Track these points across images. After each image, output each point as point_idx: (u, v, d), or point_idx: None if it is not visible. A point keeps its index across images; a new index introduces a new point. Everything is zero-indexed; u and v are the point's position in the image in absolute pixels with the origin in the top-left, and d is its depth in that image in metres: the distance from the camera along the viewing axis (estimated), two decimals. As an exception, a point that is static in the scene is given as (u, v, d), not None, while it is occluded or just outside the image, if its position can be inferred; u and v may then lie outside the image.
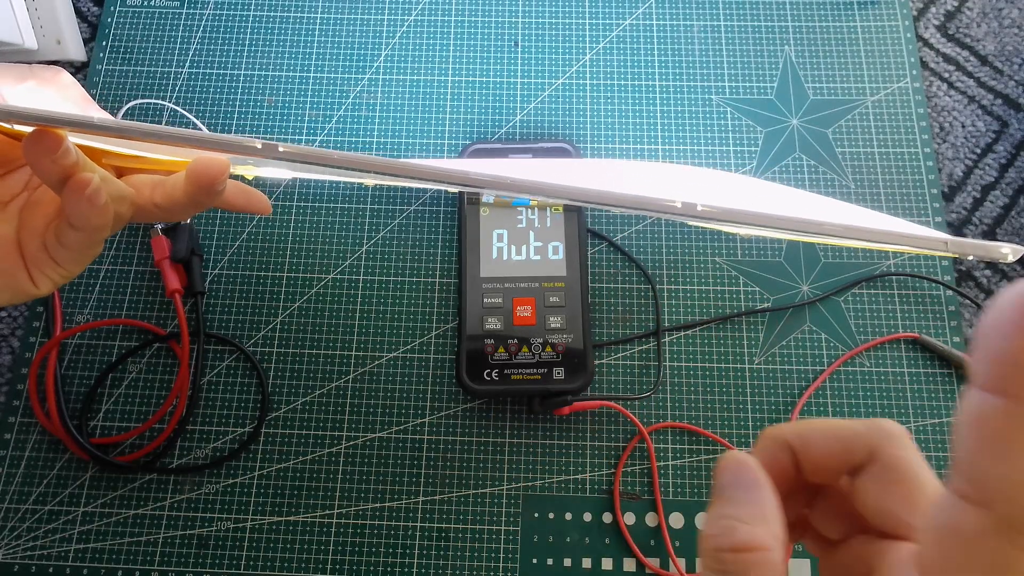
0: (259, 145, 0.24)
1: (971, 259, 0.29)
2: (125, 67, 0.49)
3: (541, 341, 0.40)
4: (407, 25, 0.50)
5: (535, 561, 0.39)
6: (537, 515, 0.40)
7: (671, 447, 0.41)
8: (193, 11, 0.50)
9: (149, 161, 0.30)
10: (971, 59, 0.49)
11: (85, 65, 0.49)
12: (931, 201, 0.45)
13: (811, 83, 0.48)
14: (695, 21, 0.50)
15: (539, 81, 0.48)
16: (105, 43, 0.49)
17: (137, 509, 0.40)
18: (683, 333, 0.43)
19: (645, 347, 0.43)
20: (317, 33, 0.50)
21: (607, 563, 0.39)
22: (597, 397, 0.41)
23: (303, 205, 0.46)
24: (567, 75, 0.48)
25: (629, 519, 0.40)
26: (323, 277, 0.44)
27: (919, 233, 0.28)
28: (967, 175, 0.47)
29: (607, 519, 0.40)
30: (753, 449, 0.20)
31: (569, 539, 0.40)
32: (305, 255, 0.45)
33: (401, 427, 0.42)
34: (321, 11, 0.50)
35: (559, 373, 0.40)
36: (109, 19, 0.50)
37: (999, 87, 0.48)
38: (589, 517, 0.40)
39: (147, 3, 0.50)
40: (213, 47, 0.49)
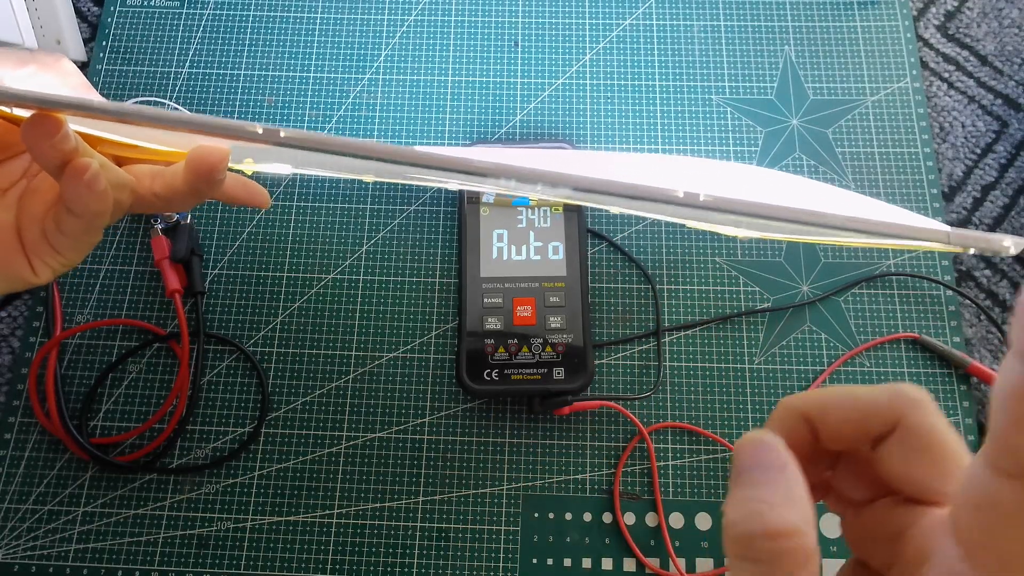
0: (260, 130, 0.24)
1: (971, 252, 0.29)
2: (125, 67, 0.49)
3: (541, 341, 0.40)
4: (407, 25, 0.50)
5: (535, 561, 0.39)
6: (537, 515, 0.40)
7: (671, 447, 0.41)
8: (193, 11, 0.50)
9: (149, 151, 0.30)
10: (971, 59, 0.49)
11: (85, 65, 0.49)
12: (931, 201, 0.45)
13: (811, 83, 0.48)
14: (695, 21, 0.50)
15: (539, 81, 0.48)
16: (105, 43, 0.49)
17: (137, 509, 0.40)
18: (683, 333, 0.43)
19: (645, 347, 0.43)
20: (317, 33, 0.50)
21: (607, 563, 0.39)
22: (597, 397, 0.41)
23: (303, 205, 0.46)
24: (567, 75, 0.48)
25: (629, 519, 0.40)
26: (323, 277, 0.44)
27: (921, 224, 0.28)
28: (967, 175, 0.47)
29: (607, 519, 0.40)
30: (769, 421, 0.19)
31: (569, 539, 0.40)
32: (305, 255, 0.45)
33: (401, 427, 0.42)
34: (321, 11, 0.50)
35: (559, 373, 0.40)
36: (109, 19, 0.50)
37: (999, 87, 0.48)
38: (589, 517, 0.40)
39: (147, 3, 0.50)
40: (213, 47, 0.49)
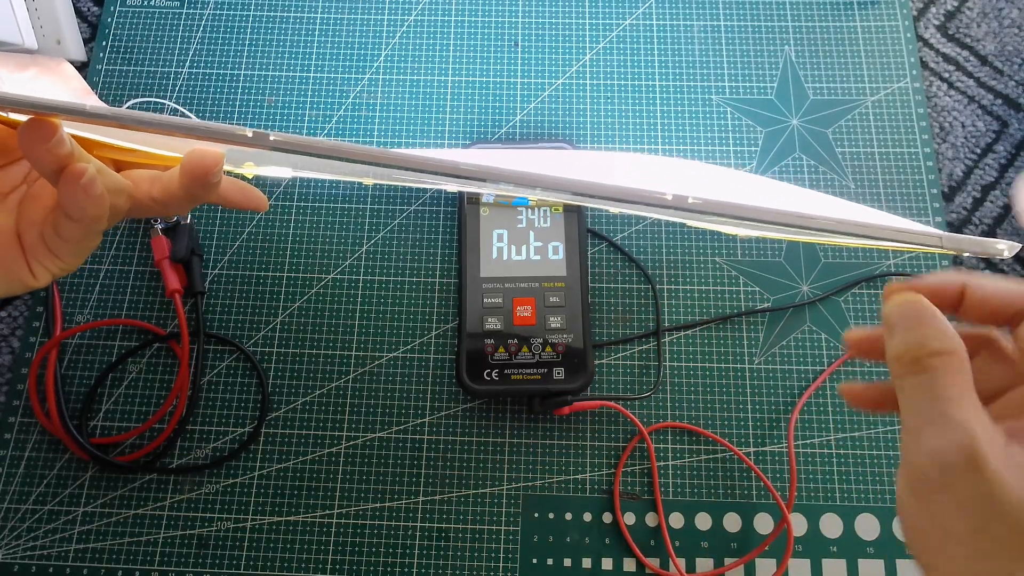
0: (249, 134, 0.24)
1: (967, 256, 0.29)
2: (125, 67, 0.49)
3: (541, 341, 0.40)
4: (407, 25, 0.50)
5: (535, 561, 0.39)
6: (537, 515, 0.40)
7: (671, 447, 0.41)
8: (193, 11, 0.50)
9: (146, 155, 0.30)
10: (971, 59, 0.49)
11: (85, 65, 0.49)
12: (931, 201, 0.45)
13: (811, 83, 0.48)
14: (695, 21, 0.50)
15: (539, 81, 0.48)
16: (105, 43, 0.49)
17: (137, 509, 0.40)
18: (683, 333, 0.43)
19: (645, 347, 0.43)
20: (317, 33, 0.50)
21: (607, 563, 0.39)
22: (597, 397, 0.41)
23: (303, 205, 0.46)
24: (567, 75, 0.48)
25: (629, 519, 0.40)
26: (323, 277, 0.44)
27: (913, 228, 0.28)
28: (967, 175, 0.47)
29: (607, 519, 0.40)
30: (913, 283, 0.22)
31: (569, 539, 0.40)
32: (305, 255, 0.45)
33: (401, 427, 0.42)
34: (321, 11, 0.50)
35: (559, 373, 0.40)
36: (109, 19, 0.50)
37: (999, 87, 0.48)
38: (589, 517, 0.40)
39: (147, 3, 0.50)
40: (213, 47, 0.49)
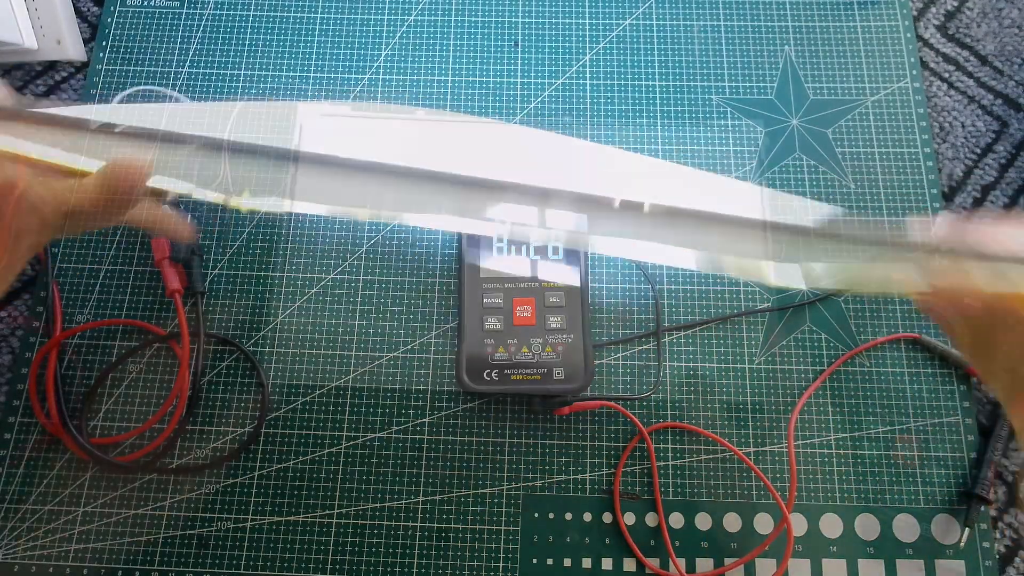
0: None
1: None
2: (125, 67, 0.49)
3: (541, 341, 0.40)
4: (407, 25, 0.50)
5: (535, 561, 0.39)
6: (537, 515, 0.40)
7: (671, 447, 0.41)
8: (193, 11, 0.50)
9: (70, 168, 0.29)
10: (971, 59, 0.49)
11: (85, 65, 0.49)
12: (931, 201, 0.45)
13: (811, 83, 0.48)
14: (695, 21, 0.50)
15: (539, 81, 0.48)
16: (105, 43, 0.49)
17: (137, 509, 0.40)
18: (683, 333, 0.43)
19: (645, 347, 0.43)
20: (317, 33, 0.50)
21: (607, 563, 0.39)
22: (597, 397, 0.41)
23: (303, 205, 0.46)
24: (567, 75, 0.48)
25: (629, 519, 0.40)
26: (323, 277, 0.44)
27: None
28: (967, 175, 0.47)
29: (607, 519, 0.40)
30: None
31: (569, 539, 0.40)
32: (305, 255, 0.45)
33: (401, 427, 0.42)
34: (321, 11, 0.50)
35: (559, 373, 0.40)
36: (109, 19, 0.50)
37: (999, 87, 0.48)
38: (589, 517, 0.40)
39: (147, 3, 0.50)
40: (213, 47, 0.49)
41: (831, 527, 0.40)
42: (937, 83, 0.48)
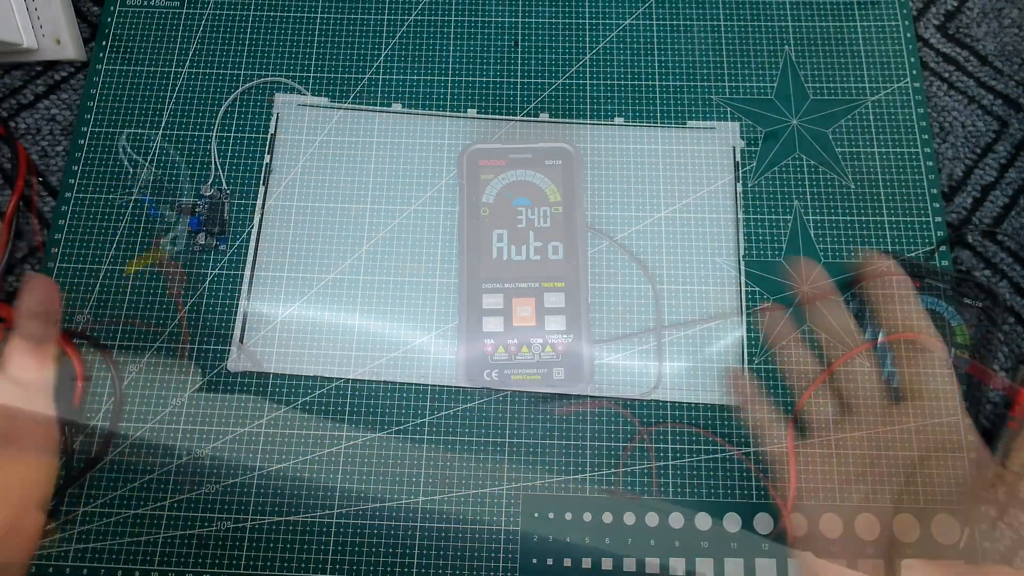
0: None
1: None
2: (125, 67, 0.49)
3: (541, 341, 0.40)
4: (407, 25, 0.50)
5: (535, 561, 0.39)
6: (537, 515, 0.40)
7: (671, 447, 0.41)
8: (193, 11, 0.50)
9: None
10: (971, 59, 0.49)
11: (85, 65, 0.49)
12: (931, 201, 0.45)
13: (811, 83, 0.48)
14: (695, 21, 0.50)
15: (539, 81, 0.48)
16: (105, 43, 0.49)
17: (137, 509, 0.40)
18: (683, 333, 0.43)
19: (645, 347, 0.43)
20: (317, 33, 0.50)
21: (607, 563, 0.39)
22: (597, 397, 0.41)
23: (303, 205, 0.46)
24: (567, 75, 0.48)
25: (629, 519, 0.40)
26: (323, 277, 0.44)
27: None
28: (967, 175, 0.47)
29: (607, 519, 0.40)
30: None
31: (569, 539, 0.40)
32: (305, 255, 0.45)
33: (401, 427, 0.42)
34: (321, 11, 0.50)
35: (559, 373, 0.40)
36: (109, 19, 0.50)
37: (999, 87, 0.48)
38: (589, 517, 0.40)
39: (147, 3, 0.50)
40: (213, 47, 0.49)
41: (831, 527, 0.40)
42: (937, 83, 0.48)
